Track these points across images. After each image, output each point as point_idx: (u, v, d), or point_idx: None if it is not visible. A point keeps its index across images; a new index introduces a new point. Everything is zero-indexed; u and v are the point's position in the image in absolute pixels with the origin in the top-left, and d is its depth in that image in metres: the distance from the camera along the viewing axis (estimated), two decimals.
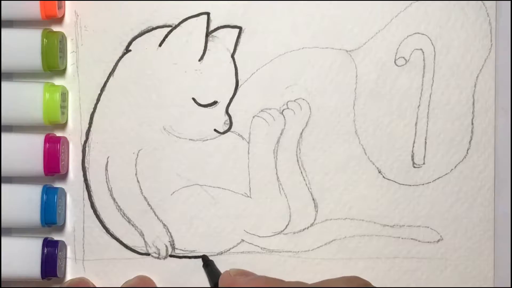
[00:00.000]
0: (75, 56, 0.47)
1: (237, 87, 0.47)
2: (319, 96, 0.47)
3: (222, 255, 0.47)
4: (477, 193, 0.47)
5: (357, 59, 0.47)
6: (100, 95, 0.47)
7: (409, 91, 0.47)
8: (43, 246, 0.45)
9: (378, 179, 0.47)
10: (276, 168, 0.47)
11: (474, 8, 0.47)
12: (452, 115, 0.47)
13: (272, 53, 0.47)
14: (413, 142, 0.47)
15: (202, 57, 0.47)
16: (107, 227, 0.47)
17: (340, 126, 0.47)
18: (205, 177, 0.47)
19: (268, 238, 0.47)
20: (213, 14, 0.47)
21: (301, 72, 0.47)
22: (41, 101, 0.45)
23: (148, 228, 0.47)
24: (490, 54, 0.47)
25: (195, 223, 0.47)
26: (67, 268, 0.47)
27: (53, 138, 0.46)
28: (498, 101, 0.47)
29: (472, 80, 0.47)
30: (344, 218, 0.47)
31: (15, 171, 0.45)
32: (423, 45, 0.47)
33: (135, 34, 0.47)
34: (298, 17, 0.47)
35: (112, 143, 0.47)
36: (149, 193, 0.47)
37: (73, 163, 0.47)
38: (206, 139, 0.47)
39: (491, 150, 0.47)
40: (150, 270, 0.47)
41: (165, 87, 0.47)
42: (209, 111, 0.47)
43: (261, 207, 0.47)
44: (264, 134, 0.47)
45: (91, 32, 0.47)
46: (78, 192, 0.47)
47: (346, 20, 0.47)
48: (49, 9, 0.45)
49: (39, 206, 0.45)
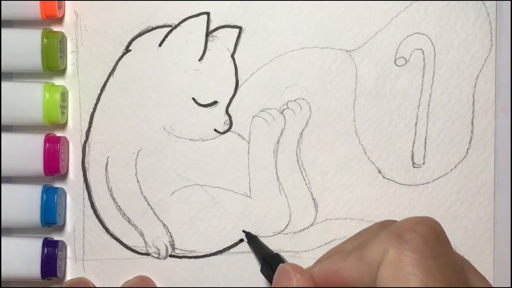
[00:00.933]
0: (75, 56, 0.47)
1: (237, 87, 0.47)
2: (319, 96, 0.47)
3: (222, 255, 0.47)
4: (477, 193, 0.47)
5: (357, 59, 0.47)
6: (100, 95, 0.47)
7: (409, 91, 0.47)
8: (43, 246, 0.45)
9: (378, 179, 0.47)
10: (276, 168, 0.47)
11: (474, 8, 0.47)
12: (452, 115, 0.47)
13: (272, 53, 0.47)
14: (413, 142, 0.47)
15: (202, 57, 0.47)
16: (107, 227, 0.47)
17: (340, 126, 0.47)
18: (205, 177, 0.47)
19: (268, 238, 0.47)
20: (213, 14, 0.47)
21: (301, 72, 0.47)
22: (41, 101, 0.45)
23: (148, 228, 0.47)
24: (490, 54, 0.47)
25: (195, 223, 0.47)
26: (67, 268, 0.47)
27: (53, 138, 0.46)
28: (498, 101, 0.47)
29: (472, 80, 0.47)
30: (344, 218, 0.47)
31: (15, 171, 0.45)
32: (423, 45, 0.47)
33: (135, 34, 0.47)
34: (298, 17, 0.47)
35: (112, 143, 0.47)
36: (149, 193, 0.47)
37: (73, 163, 0.47)
38: (206, 139, 0.47)
39: (491, 150, 0.47)
40: (150, 270, 0.47)
41: (165, 87, 0.47)
42: (209, 111, 0.47)
43: (261, 207, 0.47)
44: (264, 134, 0.47)
45: (91, 32, 0.47)
46: (78, 192, 0.47)
47: (346, 20, 0.47)
48: (49, 9, 0.45)
49: (39, 206, 0.45)
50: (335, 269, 0.38)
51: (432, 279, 0.34)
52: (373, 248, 0.35)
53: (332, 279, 0.38)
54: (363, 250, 0.36)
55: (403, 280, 0.34)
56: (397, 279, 0.34)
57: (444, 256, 0.35)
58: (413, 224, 0.35)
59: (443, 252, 0.35)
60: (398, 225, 0.36)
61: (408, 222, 0.36)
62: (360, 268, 0.36)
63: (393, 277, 0.34)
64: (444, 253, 0.35)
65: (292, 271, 0.39)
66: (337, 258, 0.38)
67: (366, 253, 0.36)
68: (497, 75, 0.47)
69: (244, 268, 0.47)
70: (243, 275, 0.47)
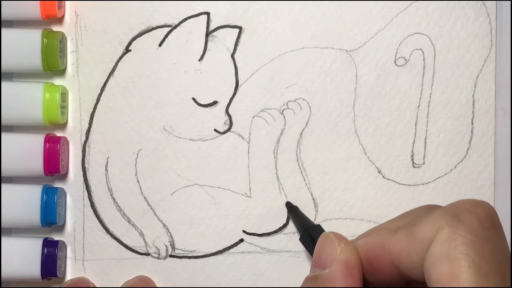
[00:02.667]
0: (75, 56, 0.47)
1: (237, 87, 0.47)
2: (319, 96, 0.47)
3: (222, 255, 0.47)
4: (477, 193, 0.47)
5: (357, 59, 0.47)
6: (100, 95, 0.47)
7: (409, 91, 0.47)
8: (43, 246, 0.45)
9: (378, 179, 0.47)
10: (276, 168, 0.47)
11: (474, 8, 0.47)
12: (452, 115, 0.47)
13: (272, 53, 0.47)
14: (413, 142, 0.47)
15: (202, 57, 0.47)
16: (107, 227, 0.47)
17: (340, 126, 0.47)
18: (205, 177, 0.47)
19: (268, 238, 0.47)
20: (213, 14, 0.47)
21: (301, 72, 0.47)
22: (41, 101, 0.45)
23: (148, 228, 0.47)
24: (490, 54, 0.47)
25: (195, 223, 0.47)
26: (67, 268, 0.47)
27: (53, 138, 0.46)
28: (498, 101, 0.47)
29: (472, 80, 0.47)
30: (344, 218, 0.47)
31: (15, 171, 0.45)
32: (423, 45, 0.47)
33: (135, 34, 0.47)
34: (298, 17, 0.47)
35: (112, 143, 0.47)
36: (149, 193, 0.47)
37: (73, 163, 0.47)
38: (206, 139, 0.47)
39: (491, 150, 0.47)
40: (150, 270, 0.47)
41: (165, 87, 0.47)
42: (209, 111, 0.47)
43: (261, 207, 0.47)
44: (264, 134, 0.47)
45: (91, 32, 0.47)
46: (78, 192, 0.47)
47: (346, 20, 0.47)
48: (49, 9, 0.45)
49: (39, 206, 0.45)
50: (381, 244, 0.37)
51: (485, 260, 0.33)
52: (426, 225, 0.35)
53: (378, 253, 0.37)
54: (414, 227, 0.36)
55: (455, 259, 0.33)
56: (449, 258, 0.34)
57: (497, 240, 0.35)
58: (469, 205, 0.35)
59: (497, 236, 0.35)
60: (454, 205, 0.36)
61: (465, 203, 0.36)
62: (409, 244, 0.35)
63: (445, 255, 0.34)
64: (498, 237, 0.35)
65: (336, 240, 0.38)
66: (384, 233, 0.37)
67: (417, 230, 0.35)
68: (497, 75, 0.47)
69: (244, 268, 0.47)
70: (243, 275, 0.47)
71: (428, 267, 0.34)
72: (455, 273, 0.33)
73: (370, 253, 0.38)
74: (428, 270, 0.34)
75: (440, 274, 0.34)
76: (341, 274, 0.37)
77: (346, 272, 0.37)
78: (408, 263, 0.36)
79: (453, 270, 0.33)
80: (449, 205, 0.36)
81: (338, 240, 0.38)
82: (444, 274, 0.34)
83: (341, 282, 0.37)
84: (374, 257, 0.37)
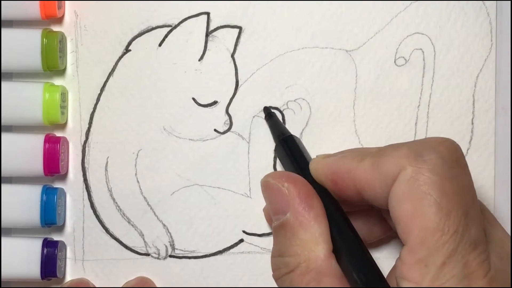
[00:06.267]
0: (75, 56, 0.47)
1: (237, 87, 0.47)
2: (319, 96, 0.47)
3: (222, 255, 0.47)
4: (477, 193, 0.47)
5: (357, 59, 0.47)
6: (100, 95, 0.47)
7: (409, 91, 0.47)
8: (42, 246, 0.45)
9: None
10: (276, 168, 0.47)
11: (474, 8, 0.47)
12: (452, 115, 0.47)
13: (272, 53, 0.47)
14: None
15: (202, 57, 0.47)
16: (107, 227, 0.47)
17: (340, 126, 0.47)
18: (205, 177, 0.47)
19: (268, 238, 0.47)
20: (213, 14, 0.47)
21: (301, 72, 0.47)
22: (41, 101, 0.45)
23: (148, 228, 0.47)
24: (490, 54, 0.47)
25: (195, 223, 0.47)
26: (67, 268, 0.47)
27: (53, 138, 0.45)
28: (498, 101, 0.47)
29: (472, 80, 0.47)
30: None
31: (15, 171, 0.45)
32: (423, 45, 0.47)
33: (135, 34, 0.47)
34: (298, 17, 0.47)
35: (112, 143, 0.47)
36: (149, 193, 0.47)
37: (73, 163, 0.47)
38: (206, 139, 0.47)
39: (491, 150, 0.47)
40: (150, 270, 0.47)
41: (165, 87, 0.47)
42: (209, 111, 0.47)
43: (261, 207, 0.46)
44: (264, 134, 0.47)
45: (91, 32, 0.47)
46: (78, 192, 0.47)
47: (346, 20, 0.47)
48: (49, 9, 0.45)
49: (39, 206, 0.45)
50: (347, 168, 0.38)
51: (447, 199, 0.34)
52: (390, 160, 0.35)
53: (344, 176, 0.38)
54: (380, 158, 0.36)
55: (417, 199, 0.34)
56: (411, 197, 0.34)
57: (461, 179, 0.35)
58: (435, 144, 0.36)
59: (461, 175, 0.35)
60: (420, 142, 0.36)
61: (430, 141, 0.36)
62: (373, 175, 0.36)
63: (408, 194, 0.34)
64: (462, 176, 0.35)
65: (279, 183, 0.39)
66: (353, 157, 0.38)
67: (382, 162, 0.36)
68: (497, 75, 0.47)
69: (244, 268, 0.47)
70: (243, 275, 0.47)
71: (392, 205, 0.35)
72: (417, 212, 0.34)
73: (337, 175, 0.38)
74: (392, 208, 0.35)
75: (402, 213, 0.34)
76: (302, 211, 0.38)
77: (304, 206, 0.38)
78: (372, 194, 0.36)
79: (415, 209, 0.34)
80: (415, 142, 0.36)
81: (281, 183, 0.39)
82: (406, 213, 0.34)
83: (305, 217, 0.37)
84: (340, 179, 0.38)
